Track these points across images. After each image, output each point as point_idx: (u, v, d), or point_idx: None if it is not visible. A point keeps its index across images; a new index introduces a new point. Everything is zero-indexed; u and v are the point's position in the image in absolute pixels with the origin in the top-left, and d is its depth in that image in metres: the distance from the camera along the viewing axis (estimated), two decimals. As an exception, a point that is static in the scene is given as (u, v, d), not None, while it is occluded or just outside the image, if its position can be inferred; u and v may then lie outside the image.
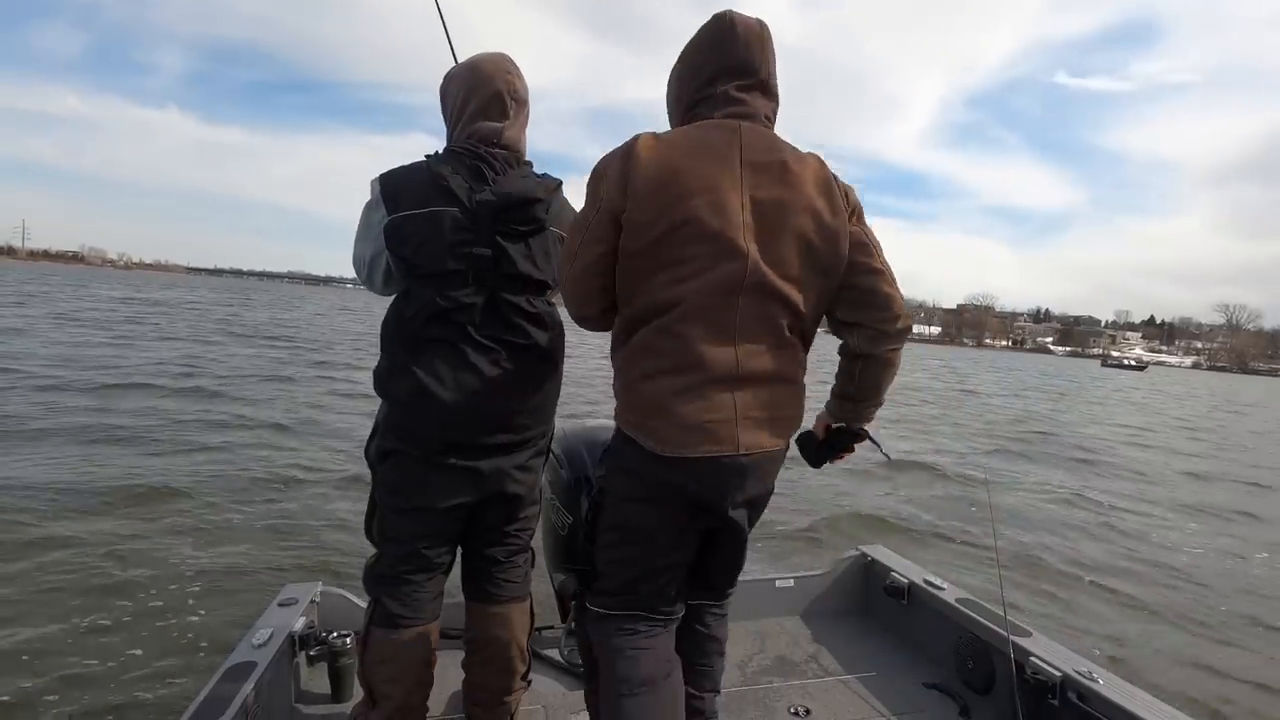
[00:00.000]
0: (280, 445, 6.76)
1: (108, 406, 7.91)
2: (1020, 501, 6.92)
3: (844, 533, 5.19)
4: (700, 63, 1.32)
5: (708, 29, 1.32)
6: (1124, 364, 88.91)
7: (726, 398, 1.23)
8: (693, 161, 1.23)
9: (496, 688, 1.74)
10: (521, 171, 1.58)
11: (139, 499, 4.87)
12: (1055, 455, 10.23)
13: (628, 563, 1.38)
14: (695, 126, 1.29)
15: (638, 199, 1.22)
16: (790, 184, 1.25)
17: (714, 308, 1.22)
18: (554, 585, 2.37)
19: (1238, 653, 3.78)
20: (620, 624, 1.40)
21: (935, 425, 12.59)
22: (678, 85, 1.37)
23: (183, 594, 3.49)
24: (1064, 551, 5.31)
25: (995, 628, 1.97)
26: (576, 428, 2.27)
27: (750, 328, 1.25)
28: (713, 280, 1.22)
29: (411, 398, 1.51)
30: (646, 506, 1.33)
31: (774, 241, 1.24)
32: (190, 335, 17.84)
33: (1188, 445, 13.46)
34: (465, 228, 1.48)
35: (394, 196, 1.48)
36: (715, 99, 1.29)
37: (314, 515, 4.78)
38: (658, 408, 1.24)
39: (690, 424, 1.22)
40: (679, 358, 1.23)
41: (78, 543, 4.01)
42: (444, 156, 1.55)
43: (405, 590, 1.61)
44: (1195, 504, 7.63)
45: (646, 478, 1.30)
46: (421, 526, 1.60)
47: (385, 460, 1.59)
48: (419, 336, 1.51)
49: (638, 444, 1.28)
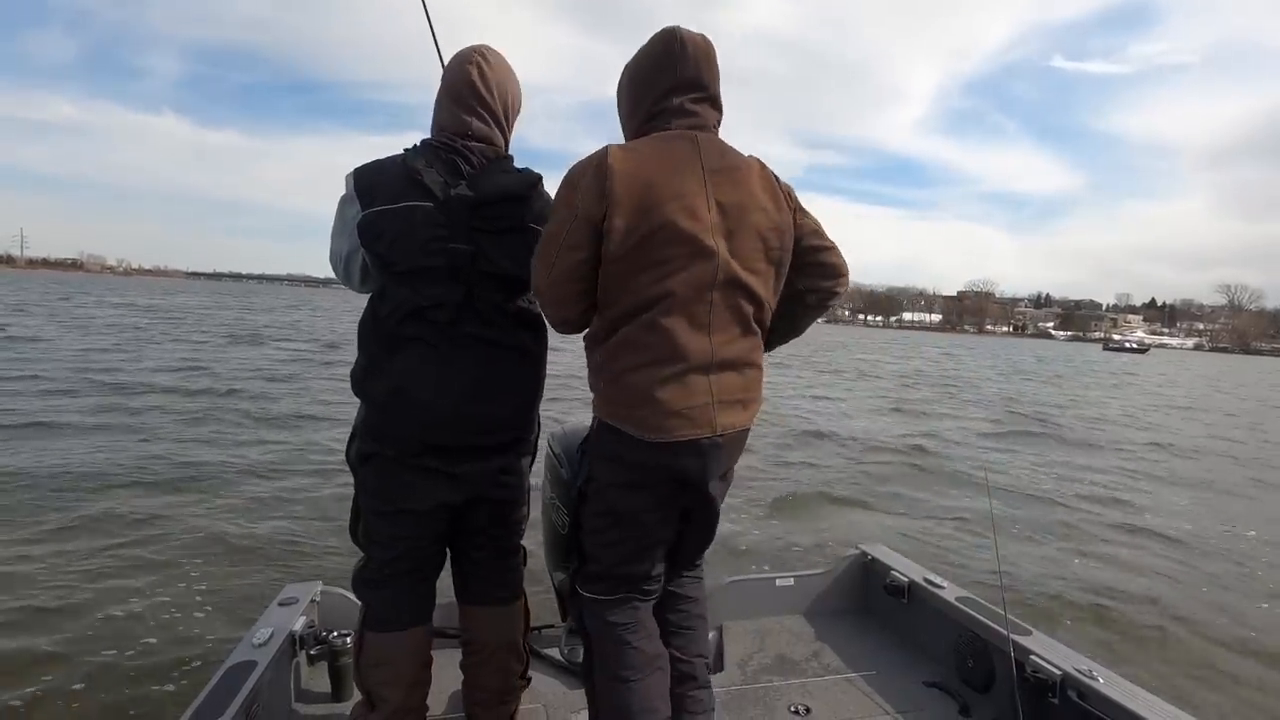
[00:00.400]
0: (282, 442, 6.80)
1: (117, 405, 7.95)
2: (1021, 499, 6.91)
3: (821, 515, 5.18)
4: (655, 78, 1.42)
5: (659, 46, 1.42)
6: (1125, 347, 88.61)
7: (703, 384, 1.35)
8: (663, 171, 1.34)
9: (494, 688, 1.74)
10: (501, 166, 1.53)
11: (140, 500, 4.89)
12: (1055, 439, 10.24)
13: (616, 545, 1.48)
14: (658, 138, 1.39)
15: (618, 207, 1.31)
16: (743, 187, 1.39)
17: (691, 302, 1.34)
18: (554, 585, 2.38)
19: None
20: (612, 607, 1.50)
21: (933, 412, 12.59)
22: (632, 97, 1.47)
23: (183, 594, 3.51)
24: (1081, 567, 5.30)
25: (995, 626, 1.97)
26: (576, 427, 2.27)
27: (721, 319, 1.37)
28: (689, 278, 1.33)
29: (388, 398, 1.49)
30: (632, 490, 1.43)
31: (737, 240, 1.37)
32: (204, 339, 17.89)
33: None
34: (440, 224, 1.44)
35: (368, 191, 1.44)
36: (671, 111, 1.41)
37: (314, 515, 4.79)
38: (643, 397, 1.34)
39: (673, 410, 1.33)
40: (661, 350, 1.33)
41: (77, 543, 4.04)
42: (420, 150, 1.50)
43: (394, 593, 1.61)
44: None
45: (632, 463, 1.40)
46: (404, 529, 1.58)
47: (366, 463, 1.57)
48: (396, 335, 1.48)
49: (622, 432, 1.37)
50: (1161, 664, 3.45)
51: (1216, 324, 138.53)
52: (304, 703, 1.96)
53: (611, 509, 1.46)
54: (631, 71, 1.47)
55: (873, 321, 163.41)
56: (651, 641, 1.51)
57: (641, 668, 1.47)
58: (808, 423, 10.25)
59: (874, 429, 10.24)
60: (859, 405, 13.27)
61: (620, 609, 1.50)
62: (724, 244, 1.35)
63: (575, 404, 7.69)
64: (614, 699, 1.45)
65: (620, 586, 1.50)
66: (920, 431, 10.25)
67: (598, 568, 1.51)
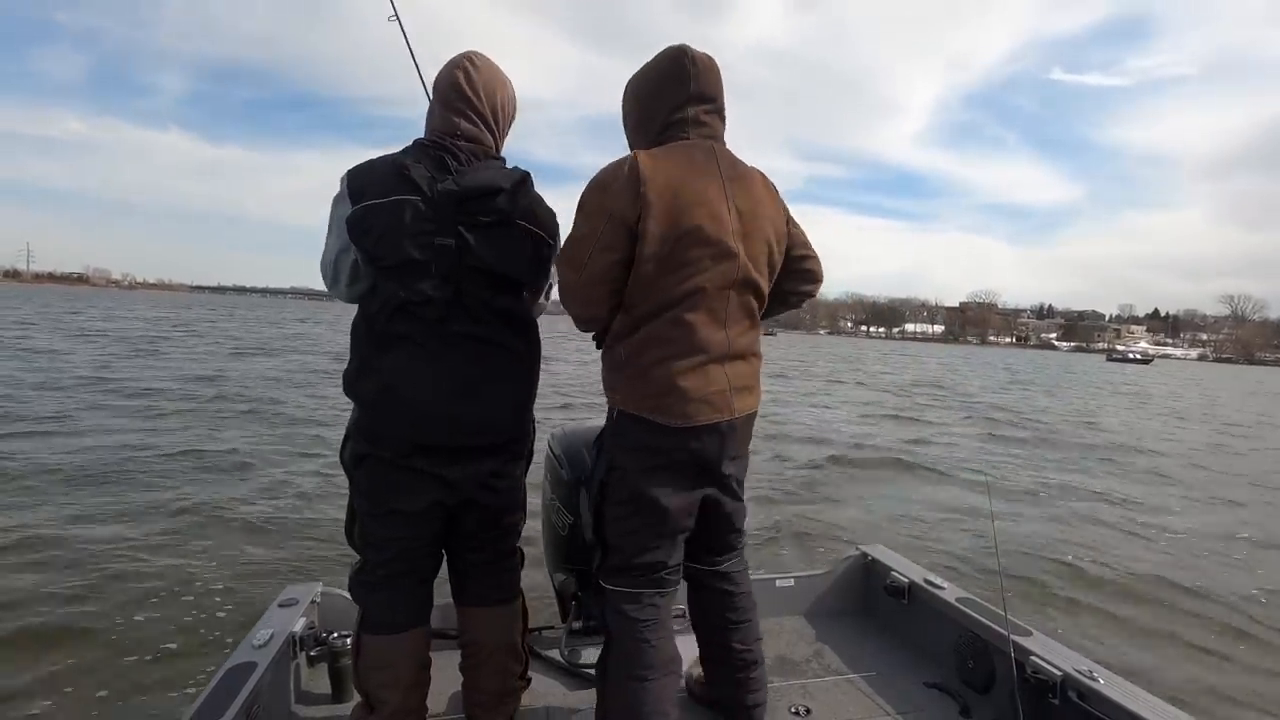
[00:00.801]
0: (284, 445, 6.81)
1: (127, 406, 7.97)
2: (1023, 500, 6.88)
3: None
4: (669, 91, 1.52)
5: (670, 62, 1.52)
6: (1129, 358, 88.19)
7: (720, 372, 1.48)
8: (689, 177, 1.44)
9: (493, 689, 1.74)
10: (488, 164, 1.55)
11: (141, 498, 4.92)
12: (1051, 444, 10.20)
13: (638, 533, 1.54)
14: (679, 146, 1.49)
15: (651, 210, 1.40)
16: (754, 194, 1.52)
17: (713, 299, 1.46)
18: (554, 585, 2.37)
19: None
20: (634, 603, 1.55)
21: (932, 422, 12.56)
22: (645, 108, 1.56)
23: (183, 594, 3.51)
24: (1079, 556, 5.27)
25: (995, 627, 1.96)
26: (576, 428, 2.28)
27: (736, 314, 1.51)
28: (714, 277, 1.45)
29: (378, 396, 1.49)
30: (655, 476, 1.50)
31: (751, 243, 1.50)
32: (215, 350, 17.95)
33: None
34: (427, 217, 1.45)
35: (359, 189, 1.46)
36: (687, 122, 1.51)
37: (314, 514, 4.80)
38: (669, 387, 1.45)
39: (696, 397, 1.45)
40: (685, 343, 1.45)
41: (78, 541, 4.04)
42: (410, 149, 1.54)
43: (390, 595, 1.61)
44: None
45: (656, 449, 1.49)
46: (398, 531, 1.58)
47: (359, 465, 1.57)
48: (385, 333, 1.49)
49: (648, 420, 1.47)
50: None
51: (1220, 334, 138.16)
52: (304, 704, 1.95)
53: (634, 496, 1.52)
54: (641, 85, 1.56)
55: (875, 333, 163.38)
56: (669, 644, 1.56)
57: (658, 668, 1.52)
58: (806, 429, 10.27)
59: (874, 432, 10.22)
60: (857, 412, 13.24)
61: (642, 606, 1.55)
62: (742, 246, 1.47)
63: (581, 410, 7.69)
64: (628, 697, 1.50)
65: (642, 579, 1.55)
66: (920, 434, 10.22)
67: (620, 559, 1.56)
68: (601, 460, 1.60)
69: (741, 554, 1.77)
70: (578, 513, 2.29)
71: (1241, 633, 3.91)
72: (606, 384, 1.57)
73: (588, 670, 2.09)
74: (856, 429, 10.97)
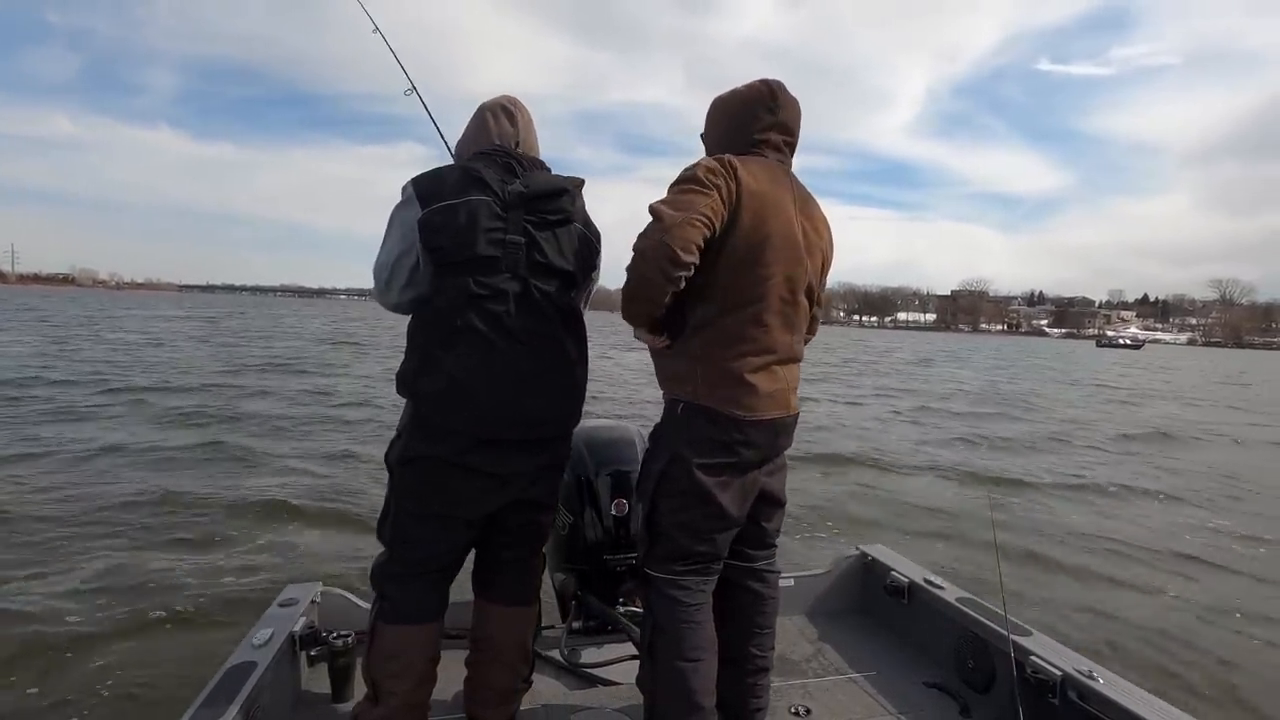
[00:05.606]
0: (284, 443, 6.77)
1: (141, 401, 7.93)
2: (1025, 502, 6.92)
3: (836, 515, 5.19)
4: (760, 113, 1.66)
5: (765, 90, 1.66)
6: (1119, 343, 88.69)
7: (783, 372, 1.62)
8: (773, 189, 1.58)
9: (500, 687, 1.76)
10: (546, 170, 1.70)
11: (142, 499, 4.91)
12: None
13: (697, 523, 1.60)
14: (763, 162, 1.62)
15: (744, 206, 1.52)
16: (816, 217, 1.69)
17: (786, 304, 1.60)
18: (554, 585, 2.38)
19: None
20: (684, 588, 1.61)
21: (930, 418, 12.61)
22: (736, 121, 1.67)
23: (183, 594, 3.50)
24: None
25: (995, 626, 1.97)
26: (576, 429, 2.27)
27: (798, 321, 1.66)
28: (787, 284, 1.59)
29: (442, 392, 1.53)
30: (718, 468, 1.57)
31: (813, 258, 1.66)
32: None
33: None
34: (499, 216, 1.55)
35: (428, 194, 1.54)
36: (771, 144, 1.66)
37: (316, 513, 4.79)
38: (741, 381, 1.55)
39: (765, 393, 1.57)
40: (761, 342, 1.57)
41: (77, 541, 4.02)
42: (475, 158, 1.64)
43: (414, 589, 1.64)
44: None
45: (723, 442, 1.56)
46: (439, 533, 1.62)
47: (409, 465, 1.59)
48: (452, 326, 1.53)
49: (718, 412, 1.55)
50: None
51: (1209, 318, 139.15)
52: (304, 704, 1.96)
53: (695, 488, 1.57)
54: (732, 103, 1.69)
55: (868, 322, 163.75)
56: (711, 626, 1.65)
57: (707, 648, 1.61)
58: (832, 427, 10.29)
59: (872, 432, 10.25)
60: (858, 410, 13.28)
61: (691, 591, 1.62)
62: (808, 260, 1.62)
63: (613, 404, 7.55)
64: (680, 681, 1.57)
65: (694, 568, 1.63)
66: (920, 435, 10.25)
67: (671, 546, 1.62)
68: (661, 451, 1.64)
69: (774, 554, 1.82)
70: (578, 513, 2.30)
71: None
72: (672, 376, 1.64)
73: (588, 670, 2.11)
74: (854, 426, 10.99)
